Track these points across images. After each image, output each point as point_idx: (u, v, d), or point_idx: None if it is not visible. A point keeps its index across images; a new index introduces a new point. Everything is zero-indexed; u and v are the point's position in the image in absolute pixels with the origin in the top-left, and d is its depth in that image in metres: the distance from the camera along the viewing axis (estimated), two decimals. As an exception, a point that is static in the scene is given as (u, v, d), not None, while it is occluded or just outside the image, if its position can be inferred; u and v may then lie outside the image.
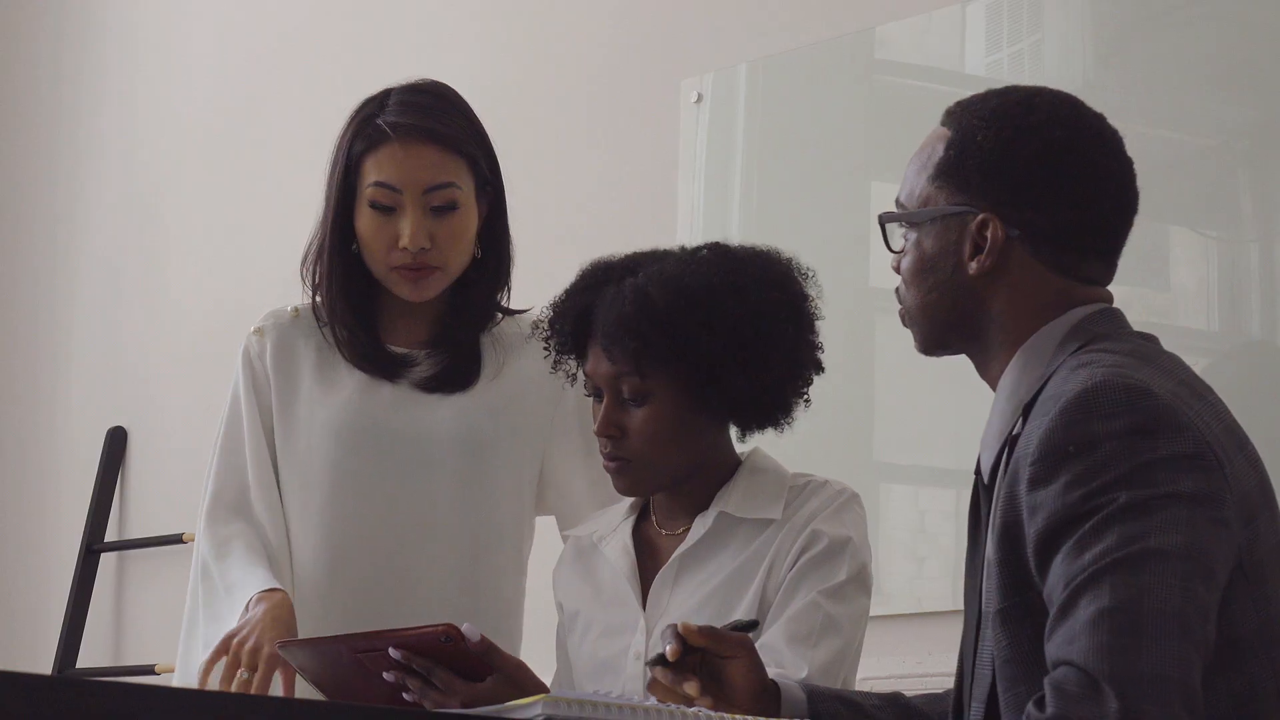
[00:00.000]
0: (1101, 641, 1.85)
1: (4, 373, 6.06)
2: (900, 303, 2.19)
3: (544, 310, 2.69)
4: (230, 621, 2.73)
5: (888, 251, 2.19)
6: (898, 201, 2.19)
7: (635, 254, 2.64)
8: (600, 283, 2.60)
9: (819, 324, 2.62)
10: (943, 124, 2.17)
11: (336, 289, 2.87)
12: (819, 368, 2.62)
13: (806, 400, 2.62)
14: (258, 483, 2.86)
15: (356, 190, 2.84)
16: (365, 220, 2.83)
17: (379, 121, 2.83)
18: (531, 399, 2.91)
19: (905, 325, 2.20)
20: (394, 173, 2.81)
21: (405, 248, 2.80)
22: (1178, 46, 3.72)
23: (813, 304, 2.61)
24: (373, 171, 2.83)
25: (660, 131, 4.50)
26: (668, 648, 2.10)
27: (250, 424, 2.88)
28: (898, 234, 2.18)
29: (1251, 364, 3.61)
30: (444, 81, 2.95)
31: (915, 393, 3.88)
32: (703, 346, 2.51)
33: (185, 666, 2.86)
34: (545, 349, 2.66)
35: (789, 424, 2.62)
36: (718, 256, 2.59)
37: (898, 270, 2.18)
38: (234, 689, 2.62)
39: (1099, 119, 2.15)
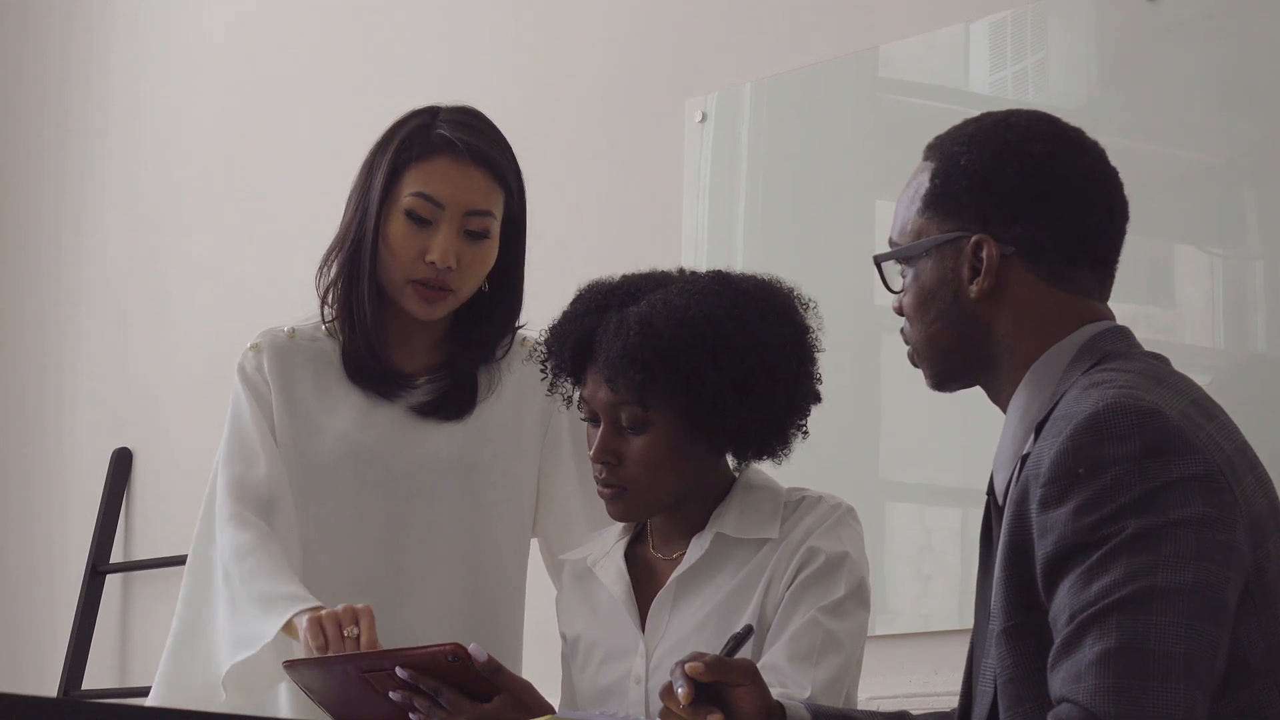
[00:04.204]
0: (1107, 683, 1.86)
1: (10, 394, 6.06)
2: (907, 342, 2.19)
3: (541, 333, 2.67)
4: (262, 629, 2.66)
5: (889, 294, 2.19)
6: (891, 241, 2.19)
7: (633, 277, 2.63)
8: (600, 307, 2.58)
9: (819, 355, 2.61)
10: (925, 158, 2.18)
11: (364, 288, 2.83)
12: (817, 399, 2.61)
13: (805, 432, 2.61)
14: (273, 481, 2.81)
15: (392, 196, 2.81)
16: (396, 227, 2.80)
17: (440, 132, 2.80)
18: (524, 417, 2.90)
19: (915, 364, 2.19)
20: (442, 187, 2.79)
21: (433, 262, 2.77)
22: (1182, 64, 3.72)
23: (813, 336, 2.60)
24: (417, 181, 2.80)
25: (665, 151, 4.50)
26: (680, 690, 2.09)
27: (259, 428, 2.83)
28: (895, 273, 2.18)
29: (1257, 381, 3.60)
30: (447, 101, 2.94)
31: (921, 411, 3.88)
32: (706, 379, 2.50)
33: (178, 675, 2.83)
34: (542, 372, 2.65)
35: (786, 455, 2.61)
36: (720, 286, 2.57)
37: (900, 312, 2.19)
38: (332, 650, 2.54)
39: (1078, 131, 2.16)
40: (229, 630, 2.74)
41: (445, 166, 2.79)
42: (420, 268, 2.79)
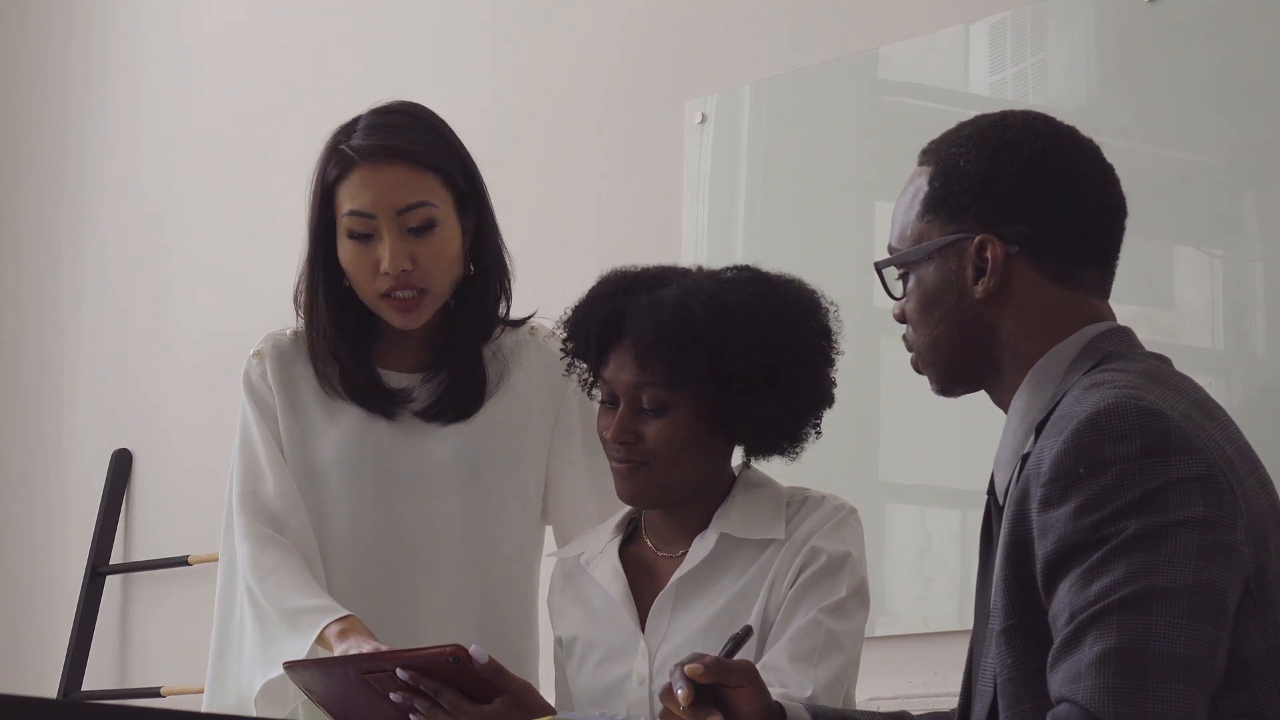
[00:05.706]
0: (1107, 683, 1.86)
1: (10, 396, 6.06)
2: (910, 349, 2.18)
3: (564, 312, 2.65)
4: (293, 647, 2.66)
5: (891, 300, 2.19)
6: (890, 247, 2.19)
7: (656, 268, 2.63)
8: (629, 290, 2.57)
9: (837, 358, 2.61)
10: (920, 163, 2.18)
11: (328, 323, 2.83)
12: (830, 401, 2.61)
13: (818, 431, 2.61)
14: (284, 497, 2.81)
15: (330, 222, 2.80)
16: (345, 250, 2.79)
17: (344, 147, 2.79)
18: (530, 413, 2.88)
19: (918, 371, 2.19)
20: (365, 198, 2.77)
21: (386, 272, 2.76)
22: (1182, 65, 3.72)
23: (835, 337, 2.60)
24: (346, 200, 2.78)
25: (665, 152, 4.51)
26: (679, 692, 2.09)
27: (265, 444, 2.84)
28: (896, 279, 2.18)
29: (1257, 382, 3.60)
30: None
31: (921, 413, 3.88)
32: (736, 363, 2.50)
33: (219, 689, 2.82)
34: (563, 351, 2.64)
35: (798, 453, 2.61)
36: (752, 278, 2.58)
37: (902, 319, 2.18)
38: None
39: (1072, 129, 2.16)
40: (259, 648, 2.73)
41: (362, 176, 2.77)
42: (381, 280, 2.77)
